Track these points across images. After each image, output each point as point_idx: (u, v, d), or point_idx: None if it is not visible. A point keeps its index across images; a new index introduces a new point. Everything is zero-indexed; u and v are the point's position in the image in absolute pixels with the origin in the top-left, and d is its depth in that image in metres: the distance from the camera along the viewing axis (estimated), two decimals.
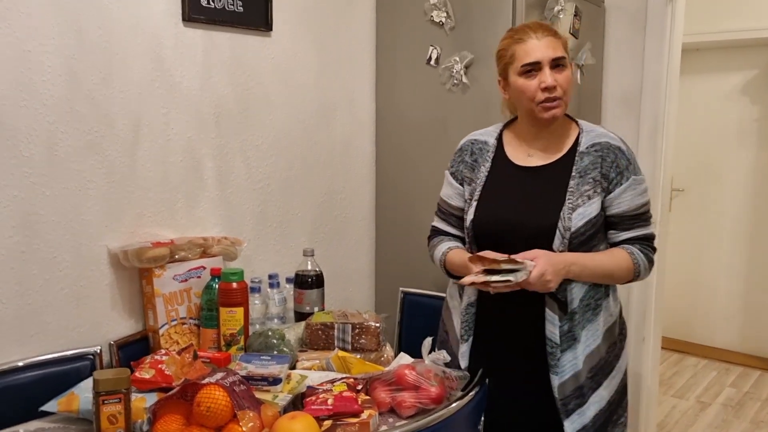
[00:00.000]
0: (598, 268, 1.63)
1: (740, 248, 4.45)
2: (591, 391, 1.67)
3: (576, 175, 1.64)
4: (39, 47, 1.69)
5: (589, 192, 1.63)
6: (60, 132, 1.74)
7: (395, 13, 2.55)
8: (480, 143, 1.79)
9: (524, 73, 1.63)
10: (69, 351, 1.77)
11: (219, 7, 2.07)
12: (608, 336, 1.71)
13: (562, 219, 1.60)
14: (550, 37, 1.63)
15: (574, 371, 1.64)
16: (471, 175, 1.77)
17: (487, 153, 1.76)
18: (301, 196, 2.43)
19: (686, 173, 4.54)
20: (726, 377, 4.21)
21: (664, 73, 2.71)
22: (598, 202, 1.63)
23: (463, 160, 1.80)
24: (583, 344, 1.65)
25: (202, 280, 1.98)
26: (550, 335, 1.63)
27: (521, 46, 1.63)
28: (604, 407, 1.69)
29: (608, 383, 1.70)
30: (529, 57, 1.61)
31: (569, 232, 1.60)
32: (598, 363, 1.68)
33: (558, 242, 1.60)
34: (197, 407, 1.39)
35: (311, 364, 1.80)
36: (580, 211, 1.61)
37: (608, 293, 1.72)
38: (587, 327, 1.66)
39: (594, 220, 1.62)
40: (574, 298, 1.64)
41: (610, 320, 1.72)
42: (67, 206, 1.78)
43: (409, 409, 1.56)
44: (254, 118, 2.23)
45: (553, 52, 1.61)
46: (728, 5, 4.18)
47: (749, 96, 4.35)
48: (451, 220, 1.84)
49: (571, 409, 1.65)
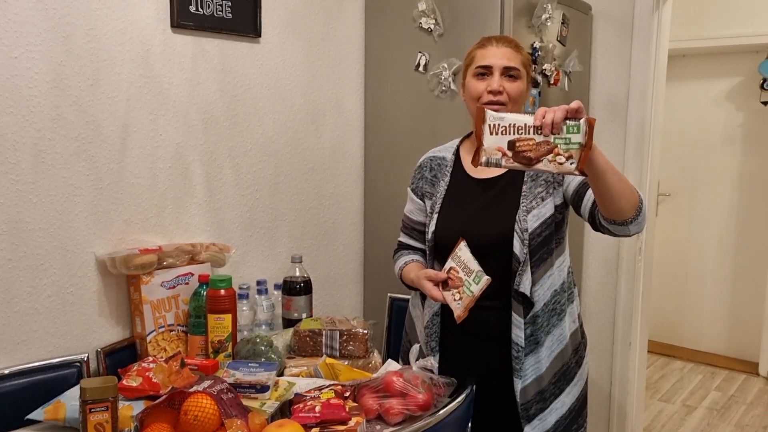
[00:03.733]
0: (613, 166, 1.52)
1: (726, 253, 4.49)
2: (553, 397, 1.70)
3: (528, 180, 1.69)
4: (26, 53, 1.68)
5: (542, 194, 1.67)
6: (47, 139, 1.74)
7: (384, 20, 2.56)
8: (438, 159, 1.85)
9: (477, 75, 1.71)
10: (56, 358, 1.76)
11: (207, 13, 2.07)
12: (572, 342, 1.75)
13: (518, 222, 1.64)
14: (508, 48, 1.70)
15: (536, 375, 1.67)
16: (431, 190, 1.82)
17: (445, 168, 1.82)
18: (290, 202, 2.43)
19: (672, 178, 4.58)
20: (711, 381, 4.25)
21: (650, 79, 2.73)
22: (551, 203, 1.67)
23: (423, 176, 1.86)
24: (547, 349, 1.68)
25: (190, 286, 1.97)
26: (516, 339, 1.65)
27: (480, 51, 1.72)
28: (565, 414, 1.72)
29: (570, 390, 1.74)
30: (483, 60, 1.70)
31: (527, 233, 1.63)
32: (561, 368, 1.71)
33: (518, 245, 1.63)
34: (184, 416, 1.39)
35: (299, 370, 1.80)
36: (534, 212, 1.65)
37: (572, 299, 1.77)
38: (552, 332, 1.69)
39: (549, 221, 1.67)
40: (538, 301, 1.67)
41: (573, 326, 1.76)
42: (54, 213, 1.77)
43: (396, 416, 1.57)
44: (243, 124, 2.23)
45: (507, 61, 1.68)
46: (714, 12, 4.22)
47: (734, 102, 4.40)
48: (414, 234, 1.90)
49: (532, 414, 1.67)
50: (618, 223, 1.53)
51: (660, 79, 2.82)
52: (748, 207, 4.39)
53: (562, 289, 1.72)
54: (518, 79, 1.69)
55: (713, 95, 4.47)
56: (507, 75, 1.68)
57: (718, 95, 4.45)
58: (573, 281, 1.80)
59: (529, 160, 1.35)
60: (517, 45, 1.73)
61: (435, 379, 1.64)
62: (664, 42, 2.81)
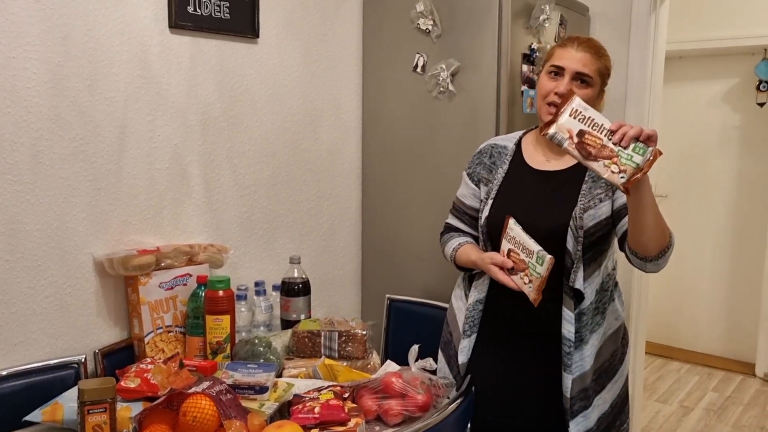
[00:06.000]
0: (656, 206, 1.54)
1: (723, 253, 4.50)
2: (595, 393, 1.70)
3: (589, 180, 1.68)
4: (23, 54, 1.68)
5: (600, 195, 1.66)
6: (45, 139, 1.73)
7: (382, 21, 2.56)
8: (499, 147, 1.84)
9: (549, 73, 1.70)
10: (53, 360, 1.76)
11: (206, 13, 2.07)
12: (614, 339, 1.75)
13: (573, 219, 1.63)
14: (588, 54, 1.67)
15: (580, 372, 1.67)
16: (488, 176, 1.81)
17: (505, 156, 1.81)
18: (288, 203, 2.43)
19: (669, 179, 4.59)
20: (709, 382, 4.25)
21: (647, 80, 2.74)
22: (608, 205, 1.66)
23: (481, 161, 1.85)
24: (591, 346, 1.68)
25: (188, 287, 1.97)
26: (567, 333, 1.65)
27: (560, 50, 1.70)
28: (607, 411, 1.72)
29: (611, 386, 1.74)
30: (558, 60, 1.68)
31: (582, 230, 1.62)
32: (602, 366, 1.71)
33: (571, 242, 1.63)
34: (183, 417, 1.39)
35: (298, 371, 1.79)
36: (591, 212, 1.65)
37: (614, 297, 1.77)
38: (596, 330, 1.69)
39: (604, 222, 1.66)
40: (586, 298, 1.67)
41: (615, 324, 1.77)
42: (52, 214, 1.77)
43: (395, 417, 1.57)
44: (241, 125, 2.23)
45: (581, 66, 1.66)
46: (711, 14, 4.23)
47: (731, 104, 4.41)
48: (464, 218, 1.89)
49: (576, 411, 1.67)
50: (638, 256, 1.58)
51: (657, 81, 2.83)
52: (745, 208, 4.40)
53: (602, 288, 1.72)
54: (590, 87, 1.67)
55: (710, 97, 4.48)
56: (579, 80, 1.66)
57: (715, 97, 4.46)
58: (616, 281, 1.80)
59: (588, 154, 1.39)
60: (600, 52, 1.69)
61: (434, 380, 1.64)
62: (661, 43, 2.82)
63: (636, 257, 1.58)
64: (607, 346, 1.73)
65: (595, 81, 1.68)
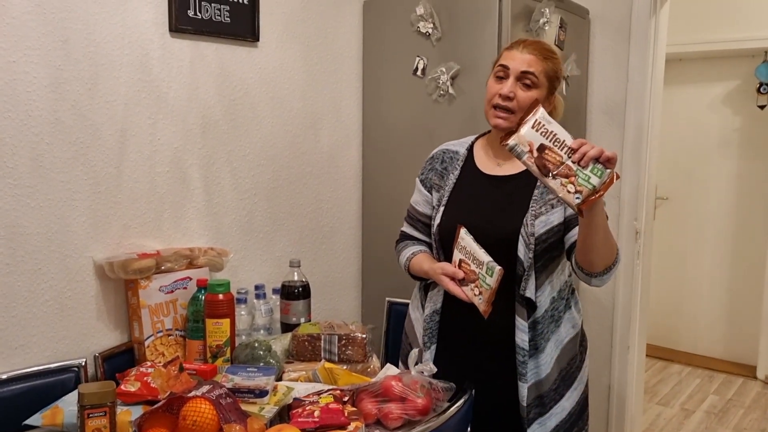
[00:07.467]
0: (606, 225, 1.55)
1: (723, 256, 4.49)
2: (553, 402, 1.70)
3: (541, 185, 1.67)
4: (24, 57, 1.68)
5: (552, 201, 1.66)
6: (45, 143, 1.74)
7: (382, 24, 2.56)
8: (451, 152, 1.83)
9: (496, 75, 1.68)
10: (53, 363, 1.76)
11: (206, 17, 2.07)
12: (571, 347, 1.75)
13: (525, 225, 1.63)
14: (533, 55, 1.65)
15: (535, 380, 1.68)
16: (440, 182, 1.80)
17: (456, 161, 1.80)
18: (288, 207, 2.43)
19: (670, 182, 4.59)
20: (709, 384, 4.25)
21: (647, 83, 2.74)
22: (561, 212, 1.65)
23: (433, 167, 1.84)
24: (547, 355, 1.68)
25: (188, 291, 1.97)
26: (521, 343, 1.65)
27: (507, 51, 1.70)
28: (565, 418, 1.73)
29: (570, 394, 1.74)
30: (504, 60, 1.67)
31: (533, 237, 1.62)
32: (560, 373, 1.72)
33: (522, 249, 1.62)
34: (183, 421, 1.39)
35: (298, 375, 1.79)
36: (542, 218, 1.64)
37: (570, 305, 1.76)
38: (551, 338, 1.69)
39: (556, 228, 1.65)
40: (539, 307, 1.67)
41: (572, 332, 1.76)
42: (52, 218, 1.77)
43: (395, 421, 1.56)
44: (241, 129, 2.23)
45: (525, 66, 1.63)
46: (711, 17, 4.23)
47: (731, 106, 4.41)
48: (418, 226, 1.88)
49: (531, 419, 1.68)
50: (584, 271, 1.59)
51: (657, 83, 2.83)
52: (745, 211, 4.40)
53: (560, 296, 1.72)
54: (533, 88, 1.64)
55: (710, 99, 4.48)
56: (524, 81, 1.63)
57: (715, 99, 4.46)
58: (572, 288, 1.80)
59: (546, 170, 1.38)
60: (546, 54, 1.66)
61: (434, 383, 1.64)
62: (661, 46, 2.82)
63: (582, 272, 1.60)
64: (564, 354, 1.72)
65: (541, 82, 1.65)
